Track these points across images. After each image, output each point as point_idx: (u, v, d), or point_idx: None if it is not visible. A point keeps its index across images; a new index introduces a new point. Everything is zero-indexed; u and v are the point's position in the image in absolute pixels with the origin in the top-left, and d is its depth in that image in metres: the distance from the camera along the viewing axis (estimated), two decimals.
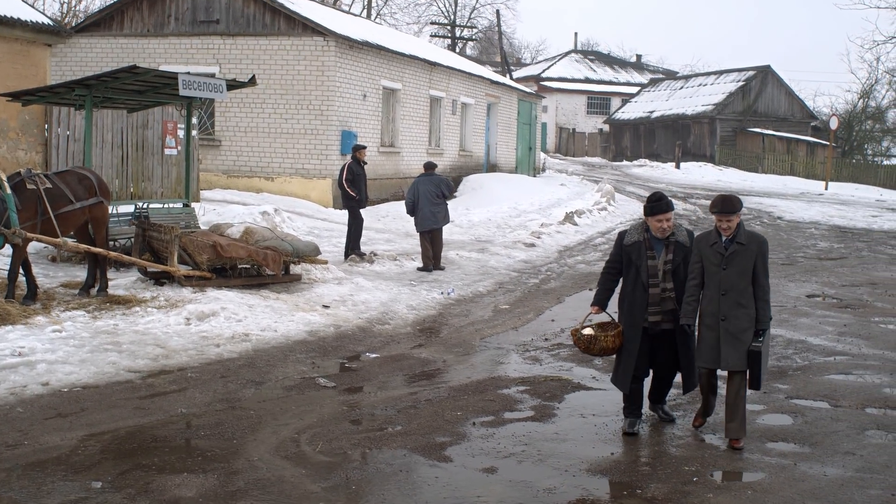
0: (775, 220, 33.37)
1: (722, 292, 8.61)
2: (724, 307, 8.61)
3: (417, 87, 34.26)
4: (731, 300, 8.59)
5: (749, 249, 8.60)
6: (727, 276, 8.60)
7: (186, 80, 15.96)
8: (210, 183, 28.34)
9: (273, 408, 9.72)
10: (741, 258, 8.58)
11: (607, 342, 9.13)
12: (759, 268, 8.61)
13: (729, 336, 8.60)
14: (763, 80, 68.05)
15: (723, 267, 8.62)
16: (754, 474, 8.07)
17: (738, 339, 8.58)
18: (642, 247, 9.07)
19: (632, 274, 9.13)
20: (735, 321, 8.59)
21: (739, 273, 8.57)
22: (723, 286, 8.61)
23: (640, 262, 9.04)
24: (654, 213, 9.02)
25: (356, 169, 20.60)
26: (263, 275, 15.79)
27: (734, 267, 8.59)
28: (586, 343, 9.23)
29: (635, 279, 9.09)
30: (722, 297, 8.61)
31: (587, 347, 9.25)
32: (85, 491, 7.27)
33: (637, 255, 9.07)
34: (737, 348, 8.59)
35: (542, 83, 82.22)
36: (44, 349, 11.19)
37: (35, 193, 13.47)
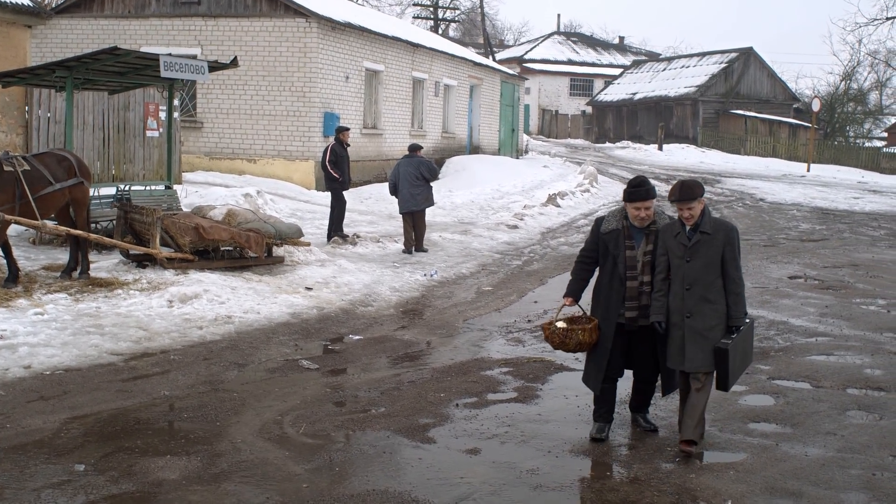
0: (757, 202, 33.44)
1: (686, 287, 7.89)
2: (689, 303, 7.89)
3: (400, 68, 34.19)
4: (696, 295, 7.86)
5: (715, 239, 7.87)
6: (691, 269, 7.88)
7: (168, 61, 15.88)
8: (192, 165, 28.24)
9: (256, 390, 9.71)
10: (706, 249, 7.86)
11: (584, 336, 8.37)
12: (727, 259, 7.89)
13: (694, 334, 7.87)
14: (745, 63, 68.09)
15: (686, 259, 7.90)
16: (736, 454, 8.10)
17: (703, 338, 7.84)
18: (620, 235, 8.29)
19: (608, 265, 8.37)
20: (700, 318, 7.86)
21: (705, 265, 7.85)
22: (687, 280, 7.90)
23: (618, 253, 8.27)
24: (633, 199, 8.19)
25: (339, 151, 20.56)
26: (246, 257, 15.76)
27: (699, 259, 7.86)
28: (561, 337, 8.43)
29: (612, 270, 8.33)
30: (686, 291, 7.89)
31: (562, 342, 8.44)
32: (68, 474, 7.25)
33: (615, 244, 8.29)
34: (702, 347, 7.85)
35: (524, 65, 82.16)
36: (26, 332, 11.15)
37: (13, 175, 13.38)
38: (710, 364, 7.87)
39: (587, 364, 8.64)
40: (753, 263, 19.24)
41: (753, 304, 14.70)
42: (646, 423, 8.75)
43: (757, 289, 16.22)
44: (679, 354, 8.00)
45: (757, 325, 13.20)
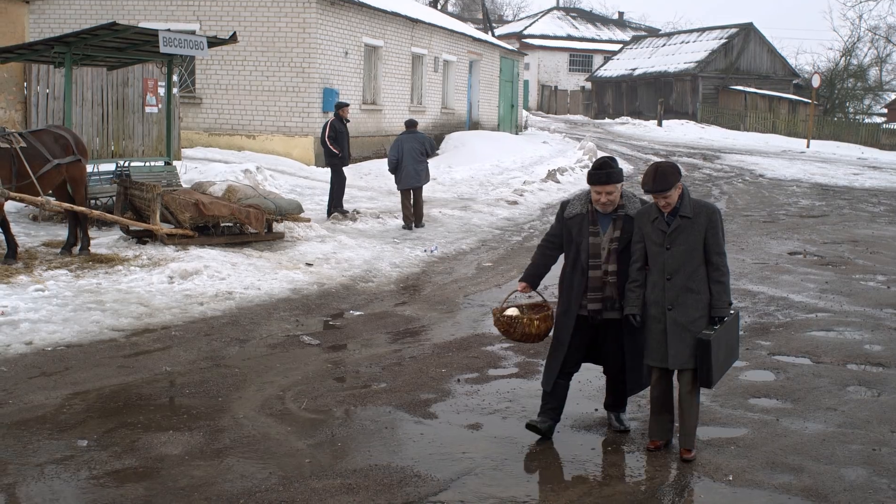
0: (757, 178, 33.41)
1: (667, 276, 7.23)
2: (671, 294, 7.23)
3: (399, 44, 34.09)
4: (678, 285, 7.21)
5: (696, 223, 7.21)
6: (672, 257, 7.22)
7: (167, 37, 15.82)
8: (191, 141, 28.19)
9: (257, 366, 9.72)
10: (687, 234, 7.20)
11: (530, 327, 7.82)
12: (710, 244, 7.21)
13: (677, 328, 7.22)
14: (745, 38, 67.95)
15: (666, 246, 7.23)
16: (737, 430, 8.12)
17: (687, 331, 7.21)
18: (585, 221, 7.63)
19: (572, 252, 7.75)
20: (683, 310, 7.21)
21: (687, 252, 7.19)
22: (668, 269, 7.23)
23: (581, 239, 7.62)
24: (594, 182, 7.53)
25: (339, 126, 20.52)
26: (246, 233, 15.76)
27: (680, 245, 7.20)
28: (506, 325, 7.93)
29: (575, 259, 7.70)
30: (667, 282, 7.23)
31: (506, 330, 7.96)
32: (71, 449, 7.27)
33: (578, 230, 7.66)
34: (686, 342, 7.20)
35: (523, 40, 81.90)
36: (27, 308, 11.16)
37: (9, 153, 13.36)
38: (692, 360, 7.23)
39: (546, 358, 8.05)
40: (753, 239, 19.25)
41: (753, 280, 14.74)
42: (617, 423, 8.08)
43: (757, 265, 16.23)
44: (660, 350, 7.34)
45: (757, 300, 13.27)
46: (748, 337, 11.29)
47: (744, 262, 16.49)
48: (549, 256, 8.08)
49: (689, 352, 7.22)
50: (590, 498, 6.57)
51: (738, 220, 22.33)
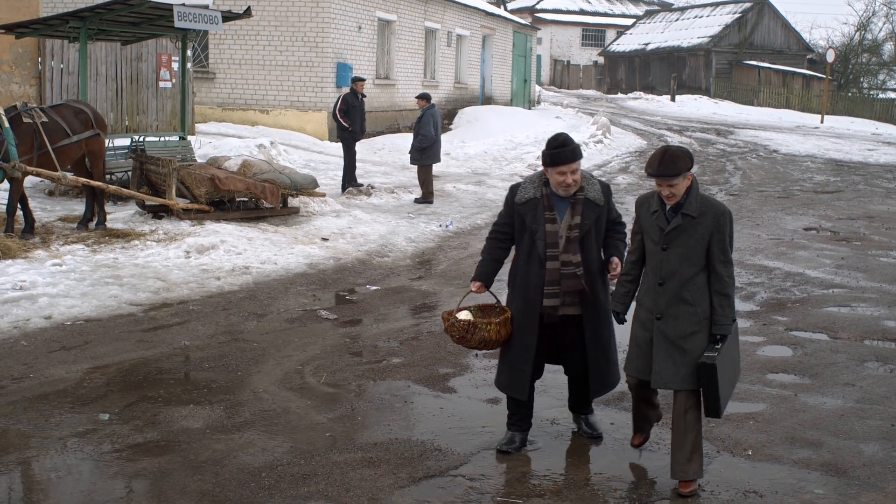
0: (771, 154, 33.32)
1: (659, 281, 6.30)
2: (662, 301, 6.29)
3: (412, 18, 34.00)
4: (670, 293, 6.25)
5: (701, 224, 6.18)
6: (667, 260, 6.26)
7: (182, 11, 15.81)
8: (204, 116, 28.18)
9: (276, 340, 9.76)
10: (688, 236, 6.21)
11: (489, 332, 6.84)
12: (714, 250, 6.20)
13: (664, 342, 6.28)
14: (759, 13, 67.66)
15: (662, 246, 6.28)
16: (755, 405, 8.13)
17: (675, 348, 6.24)
18: (539, 206, 6.75)
19: (525, 242, 6.86)
20: (673, 322, 6.26)
21: (685, 256, 6.22)
22: (661, 273, 6.29)
23: (536, 227, 6.74)
24: (556, 162, 6.58)
25: (351, 100, 20.47)
26: (261, 208, 15.79)
27: (678, 247, 6.23)
28: (461, 331, 6.89)
29: (529, 249, 6.83)
30: (659, 287, 6.30)
31: (462, 337, 6.91)
32: (93, 423, 7.31)
33: (532, 216, 6.77)
34: (673, 359, 6.25)
35: (536, 15, 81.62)
36: (45, 283, 11.20)
37: (31, 127, 13.42)
38: (685, 381, 6.24)
39: (502, 365, 7.12)
40: (768, 215, 19.23)
41: (769, 256, 14.73)
42: (588, 428, 7.32)
43: (772, 240, 16.21)
44: (642, 361, 6.43)
45: (773, 276, 13.26)
46: (765, 312, 11.30)
47: (759, 237, 16.48)
48: (501, 249, 7.14)
49: (674, 370, 6.24)
50: (610, 471, 6.59)
51: (752, 196, 22.30)
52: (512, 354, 6.96)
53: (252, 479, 6.36)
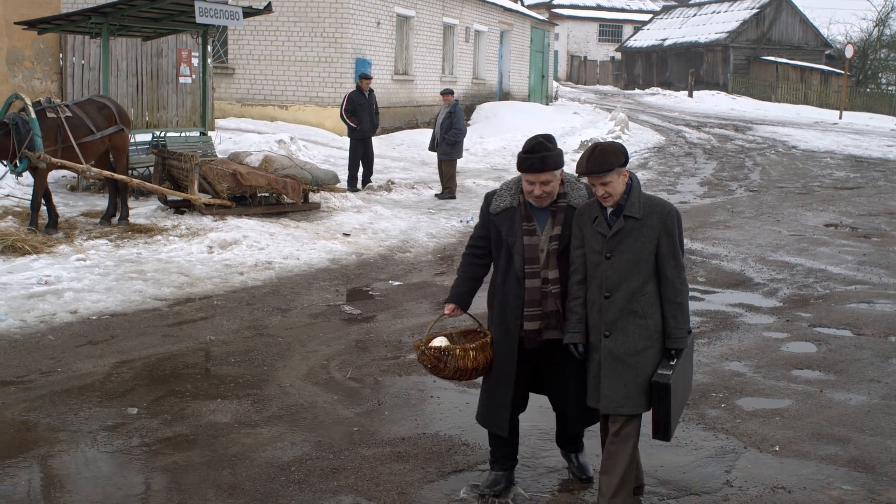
0: (790, 150, 33.23)
1: (605, 293, 5.62)
2: (609, 316, 5.62)
3: (431, 14, 34.00)
4: (617, 305, 5.59)
5: (646, 226, 5.57)
6: (612, 269, 5.60)
7: (203, 7, 15.85)
8: (224, 111, 28.26)
9: (300, 335, 9.79)
10: (633, 241, 5.57)
11: (465, 360, 6.01)
12: (664, 254, 5.58)
13: (612, 361, 5.61)
14: (777, 8, 67.45)
15: (606, 255, 5.61)
16: (781, 401, 8.12)
17: (624, 366, 5.59)
18: (516, 216, 5.95)
19: (503, 257, 6.05)
20: (623, 338, 5.59)
21: (631, 263, 5.57)
22: (606, 284, 5.61)
23: (514, 240, 5.94)
24: (525, 169, 5.80)
25: (357, 98, 20.43)
26: (282, 203, 15.83)
27: (623, 254, 5.58)
28: (432, 360, 6.06)
29: (507, 265, 6.02)
30: (605, 300, 5.62)
31: (434, 366, 6.08)
32: (121, 417, 7.36)
33: (509, 228, 5.97)
34: (623, 380, 5.59)
35: (553, 10, 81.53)
36: (69, 278, 11.27)
37: (55, 122, 13.52)
38: (635, 404, 5.61)
39: (483, 396, 6.31)
40: (788, 211, 19.19)
41: (791, 252, 14.70)
42: (577, 472, 6.53)
43: (793, 236, 16.18)
44: (594, 387, 5.74)
45: (795, 272, 13.24)
46: (788, 308, 11.29)
47: (780, 233, 16.45)
48: (477, 266, 6.30)
49: (624, 392, 5.59)
50: None
51: (772, 192, 22.26)
52: (491, 385, 6.17)
53: (282, 472, 6.40)
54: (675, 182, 23.96)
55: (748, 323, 10.60)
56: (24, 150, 13.05)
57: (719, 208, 19.49)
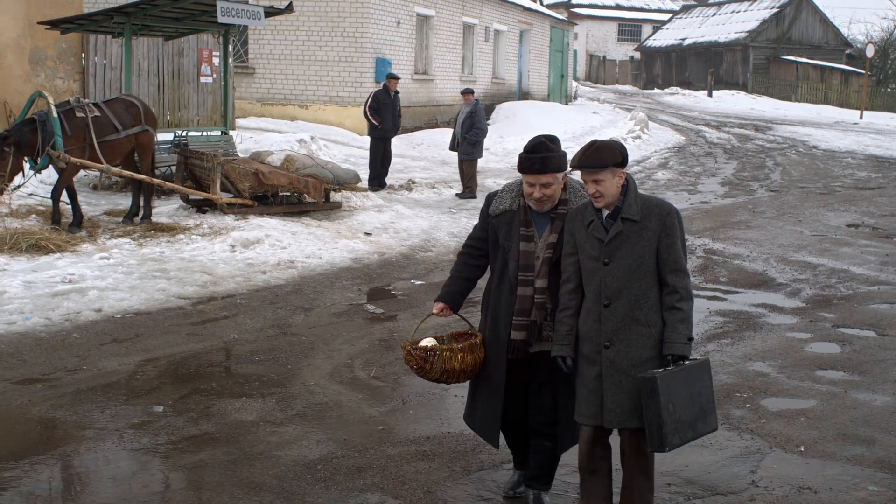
0: (811, 150, 33.11)
1: (605, 302, 5.28)
2: (609, 326, 5.27)
3: (451, 13, 34.00)
4: (619, 314, 5.26)
5: (645, 229, 5.26)
6: (612, 276, 5.26)
7: (225, 7, 15.89)
8: (244, 111, 28.34)
9: (324, 334, 9.82)
10: (632, 245, 5.25)
11: (452, 361, 5.77)
12: (665, 257, 5.25)
13: (615, 373, 5.26)
14: (797, 7, 67.22)
15: (604, 261, 5.27)
16: (806, 401, 8.10)
17: (629, 378, 5.24)
18: (515, 220, 5.71)
19: (499, 261, 5.81)
20: (625, 348, 5.26)
21: (632, 269, 5.24)
22: (606, 292, 5.27)
23: (510, 245, 5.70)
24: (525, 170, 5.55)
25: (382, 98, 20.47)
26: (304, 202, 15.85)
27: (622, 259, 5.25)
28: (419, 360, 5.82)
29: (502, 271, 5.78)
30: (605, 309, 5.28)
31: (420, 367, 5.84)
32: (147, 414, 7.39)
33: (506, 232, 5.73)
34: (626, 391, 5.24)
35: (572, 10, 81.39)
36: (93, 276, 11.32)
37: (84, 121, 13.62)
38: (641, 417, 5.20)
39: (472, 402, 6.07)
40: (810, 211, 19.14)
41: (813, 252, 14.66)
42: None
43: (815, 237, 16.13)
44: (592, 403, 5.34)
45: (818, 273, 13.19)
46: (811, 309, 11.26)
47: (802, 234, 16.41)
48: (472, 267, 6.08)
49: (630, 405, 5.24)
50: (663, 467, 6.58)
51: (794, 192, 22.19)
52: (481, 391, 5.93)
53: (308, 471, 6.43)
54: (695, 182, 23.91)
55: (771, 323, 10.58)
56: (47, 148, 13.14)
57: (740, 208, 19.44)
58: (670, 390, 5.06)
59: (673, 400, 5.07)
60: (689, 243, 14.68)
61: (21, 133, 13.09)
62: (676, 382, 5.11)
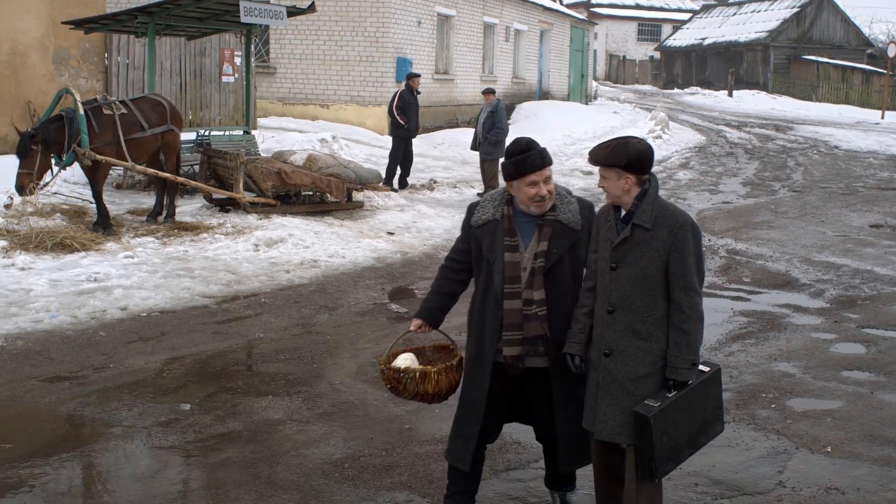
0: (832, 150, 32.99)
1: (609, 308, 5.05)
2: (611, 334, 5.06)
3: (471, 13, 34.00)
4: (620, 324, 5.03)
5: (655, 238, 4.96)
6: (616, 282, 5.03)
7: (248, 6, 15.94)
8: (265, 111, 28.41)
9: (348, 333, 9.84)
10: (640, 253, 4.98)
11: (426, 385, 5.56)
12: (674, 272, 4.96)
13: (611, 384, 5.05)
14: (818, 7, 66.97)
15: (612, 265, 5.04)
16: (832, 402, 8.08)
17: (623, 391, 5.02)
18: (499, 230, 5.38)
19: (483, 275, 5.50)
20: (623, 360, 5.03)
21: (636, 278, 4.99)
22: (610, 298, 5.05)
23: (494, 256, 5.37)
24: (524, 170, 5.23)
25: (408, 97, 20.52)
26: (326, 202, 15.89)
27: (628, 267, 5.00)
28: (391, 381, 5.64)
29: (486, 284, 5.47)
30: (608, 315, 5.06)
31: (394, 387, 5.66)
32: (175, 413, 7.43)
33: (490, 243, 5.41)
34: (619, 404, 5.02)
35: (591, 9, 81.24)
36: (118, 275, 11.40)
37: (111, 119, 13.70)
38: (631, 435, 5.01)
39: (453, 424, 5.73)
40: (833, 211, 19.07)
41: (836, 253, 14.61)
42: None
43: (838, 237, 16.07)
44: (591, 408, 5.18)
45: (841, 273, 13.14)
46: (835, 309, 11.22)
47: (825, 234, 16.35)
48: (453, 282, 5.82)
49: (622, 419, 5.01)
50: (690, 467, 6.57)
51: (816, 192, 22.11)
52: (458, 412, 5.65)
53: (335, 469, 6.45)
54: (717, 182, 23.85)
55: (796, 323, 10.56)
56: (73, 145, 13.21)
57: (763, 208, 19.39)
58: (666, 423, 4.89)
59: (668, 431, 4.91)
60: (711, 243, 14.81)
61: (48, 131, 13.16)
62: (674, 411, 4.92)
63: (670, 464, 4.99)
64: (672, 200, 19.60)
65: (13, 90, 17.53)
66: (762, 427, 7.44)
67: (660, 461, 4.88)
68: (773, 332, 10.17)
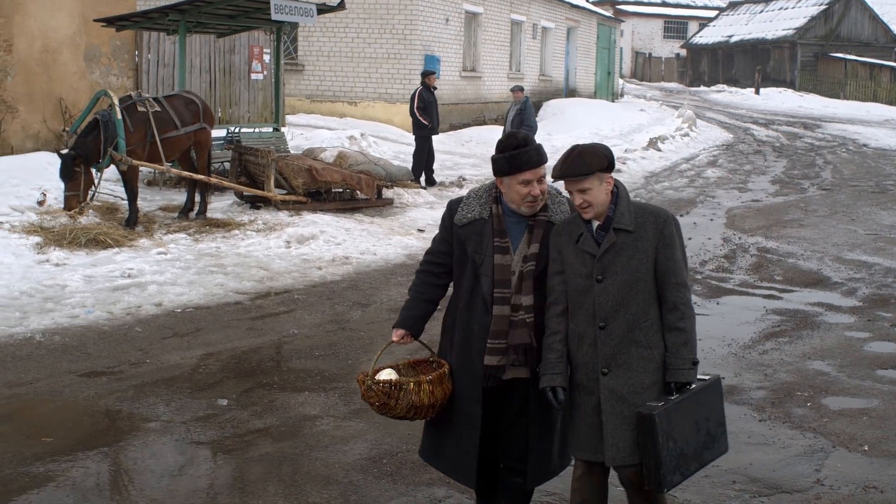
0: (861, 148, 32.83)
1: (600, 323, 4.69)
2: (606, 349, 4.69)
3: (499, 10, 34.00)
4: (616, 336, 4.68)
5: (641, 239, 4.70)
6: (605, 294, 4.68)
7: (278, 4, 16.03)
8: (293, 108, 28.48)
9: (382, 329, 9.85)
10: (628, 258, 4.69)
11: (420, 395, 5.04)
12: (663, 269, 4.70)
13: (615, 402, 4.69)
14: (846, 4, 66.53)
15: (597, 277, 4.69)
16: (868, 400, 8.06)
17: (630, 406, 4.67)
18: (487, 229, 5.00)
19: (467, 278, 5.09)
20: (625, 374, 4.69)
21: (627, 285, 4.68)
22: (601, 313, 4.69)
23: (482, 258, 4.98)
24: (517, 167, 4.87)
25: (426, 96, 20.53)
26: (356, 199, 15.94)
27: (617, 274, 4.68)
28: (381, 396, 5.06)
29: (472, 288, 5.06)
30: (601, 331, 4.69)
31: (384, 404, 5.09)
32: (212, 408, 7.48)
33: (477, 244, 5.01)
34: (628, 422, 4.66)
35: (617, 7, 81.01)
36: (151, 271, 11.49)
37: (145, 116, 13.78)
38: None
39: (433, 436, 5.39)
40: (863, 210, 18.98)
41: (868, 251, 14.55)
42: None
43: (870, 235, 16.01)
44: (591, 436, 4.76)
45: (873, 272, 13.09)
46: (868, 308, 11.17)
47: (856, 232, 16.28)
48: (434, 287, 5.43)
49: (632, 439, 4.66)
50: (727, 465, 6.57)
51: (846, 191, 22.02)
52: (453, 428, 5.19)
53: (373, 465, 6.49)
54: (745, 180, 23.77)
55: (829, 322, 10.52)
56: (109, 149, 13.30)
57: (792, 207, 19.32)
58: (671, 425, 4.58)
59: (674, 435, 4.60)
60: (742, 241, 14.79)
61: (85, 146, 13.25)
62: (678, 414, 4.63)
63: (678, 474, 4.64)
64: (701, 198, 19.58)
65: (45, 87, 17.65)
66: (798, 425, 7.42)
67: (667, 467, 4.56)
68: (807, 330, 10.14)
